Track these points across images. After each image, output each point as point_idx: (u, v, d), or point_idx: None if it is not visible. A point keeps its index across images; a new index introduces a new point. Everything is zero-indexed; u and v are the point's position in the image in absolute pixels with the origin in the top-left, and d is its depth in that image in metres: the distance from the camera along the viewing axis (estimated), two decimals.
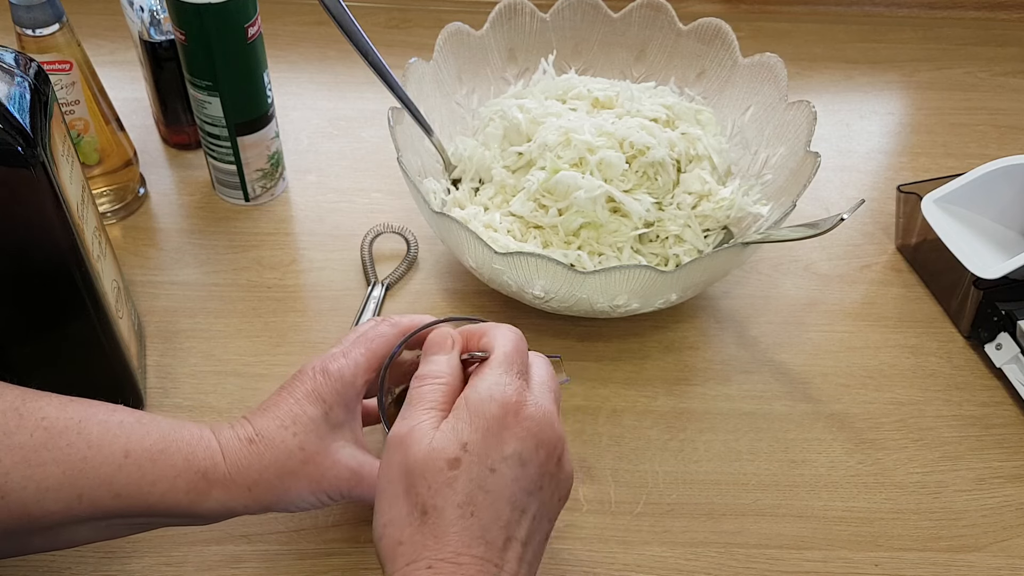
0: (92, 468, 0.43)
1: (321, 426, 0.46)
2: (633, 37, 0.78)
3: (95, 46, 0.88)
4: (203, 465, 0.45)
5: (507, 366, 0.44)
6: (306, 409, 0.46)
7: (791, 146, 0.69)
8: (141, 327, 0.65)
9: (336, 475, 0.47)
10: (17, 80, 0.48)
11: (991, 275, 0.64)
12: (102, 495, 0.43)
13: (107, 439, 0.44)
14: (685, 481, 0.59)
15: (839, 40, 0.99)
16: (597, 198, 0.64)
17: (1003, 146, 0.86)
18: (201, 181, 0.79)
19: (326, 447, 0.46)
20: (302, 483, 0.46)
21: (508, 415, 0.42)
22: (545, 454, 0.42)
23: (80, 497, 0.43)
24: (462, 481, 0.40)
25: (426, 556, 0.39)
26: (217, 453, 0.45)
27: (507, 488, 0.41)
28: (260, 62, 0.69)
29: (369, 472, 0.47)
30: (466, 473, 0.40)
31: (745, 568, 0.55)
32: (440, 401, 0.43)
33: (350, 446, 0.48)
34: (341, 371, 0.48)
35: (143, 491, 0.44)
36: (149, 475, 0.44)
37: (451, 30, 0.74)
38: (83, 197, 0.53)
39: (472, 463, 0.40)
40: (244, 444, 0.46)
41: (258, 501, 0.46)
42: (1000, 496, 0.60)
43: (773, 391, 0.65)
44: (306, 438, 0.46)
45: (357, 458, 0.48)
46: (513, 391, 0.43)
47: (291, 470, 0.46)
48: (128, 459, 0.44)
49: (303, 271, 0.72)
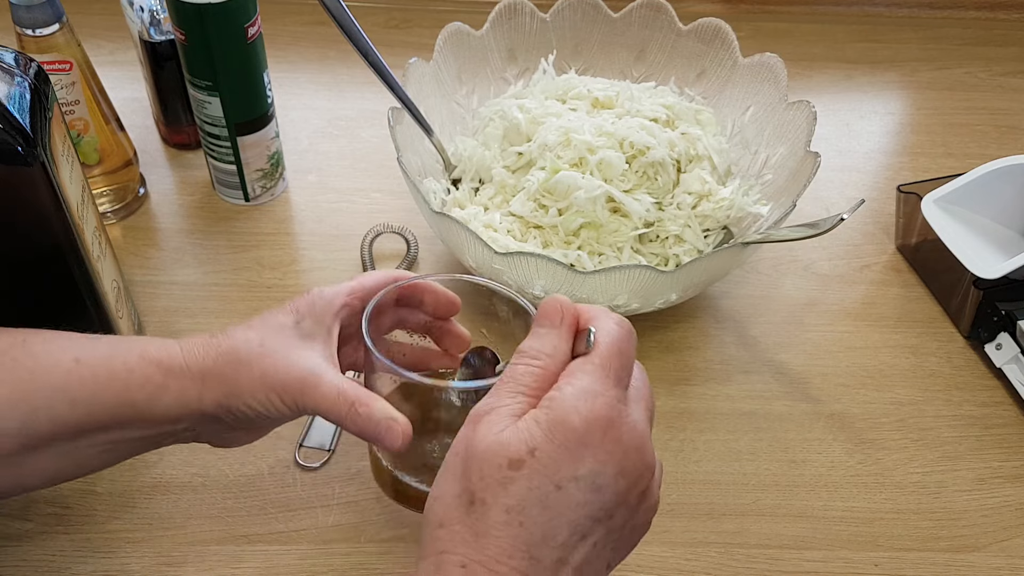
0: (41, 377, 0.42)
1: (288, 330, 0.45)
2: (633, 37, 0.78)
3: (95, 46, 0.88)
4: (158, 357, 0.44)
5: (605, 370, 0.38)
6: (276, 316, 0.46)
7: (791, 146, 0.69)
8: (141, 327, 0.65)
9: (288, 373, 0.44)
10: (17, 80, 0.48)
11: (991, 275, 0.64)
12: (57, 404, 0.42)
13: (53, 350, 0.43)
14: (685, 481, 0.59)
15: (839, 40, 0.99)
16: (597, 198, 0.64)
17: (1003, 146, 0.86)
18: (201, 181, 0.79)
19: (287, 347, 0.45)
20: (255, 376, 0.44)
21: (593, 431, 0.37)
22: (626, 484, 0.37)
23: (36, 410, 0.42)
24: (519, 486, 0.36)
25: (462, 552, 0.36)
26: (174, 346, 0.45)
27: (570, 510, 0.36)
28: (260, 62, 0.69)
29: (326, 381, 0.44)
30: (526, 480, 0.36)
31: (745, 568, 0.55)
32: (531, 386, 0.38)
33: (317, 356, 0.45)
34: (321, 291, 0.47)
35: (98, 393, 0.43)
36: (102, 376, 0.43)
37: (451, 30, 0.74)
38: (83, 197, 0.53)
39: (536, 472, 0.36)
40: (205, 339, 0.45)
41: (210, 393, 0.44)
42: (1000, 496, 0.60)
43: (773, 391, 0.65)
44: (267, 334, 0.45)
45: (318, 364, 0.45)
46: (604, 404, 0.37)
47: (246, 361, 0.44)
48: (79, 364, 0.43)
49: (303, 271, 0.72)
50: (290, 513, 0.56)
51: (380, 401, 0.44)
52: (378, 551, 0.55)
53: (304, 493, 0.57)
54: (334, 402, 0.43)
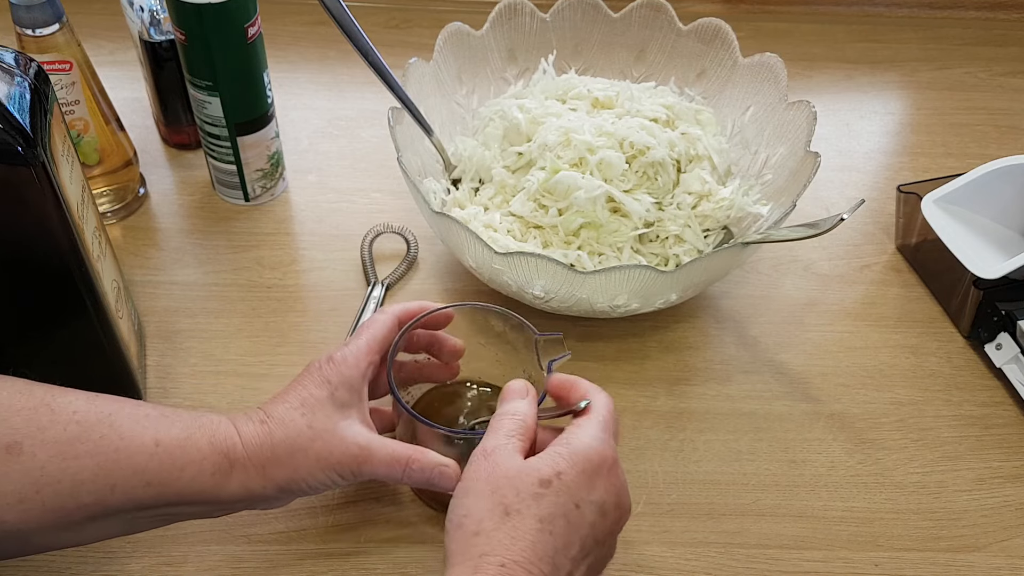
0: (125, 458, 0.44)
1: (327, 406, 0.49)
2: (633, 37, 0.78)
3: (95, 46, 0.88)
4: (225, 446, 0.46)
5: (607, 427, 0.47)
6: (312, 392, 0.49)
7: (791, 146, 0.69)
8: (141, 327, 0.65)
9: (344, 451, 0.48)
10: (17, 80, 0.48)
11: (991, 275, 0.64)
12: (135, 485, 0.44)
13: (137, 430, 0.45)
14: (685, 481, 0.59)
15: (839, 40, 0.99)
16: (597, 198, 0.64)
17: (1003, 146, 0.86)
18: (201, 181, 0.79)
19: (333, 425, 0.48)
20: (311, 460, 0.47)
21: (604, 467, 0.45)
22: (617, 516, 0.46)
23: (113, 488, 0.44)
24: (549, 499, 0.43)
25: (500, 553, 0.41)
26: (235, 435, 0.47)
27: (583, 528, 0.44)
28: (260, 62, 0.69)
29: (377, 449, 0.49)
30: (554, 495, 0.43)
31: (745, 568, 0.55)
32: (518, 432, 0.46)
33: (357, 424, 0.49)
34: (344, 356, 0.50)
35: (173, 477, 0.45)
36: (179, 460, 0.45)
37: (451, 30, 0.74)
38: (83, 197, 0.53)
39: (562, 490, 0.43)
40: (258, 425, 0.48)
41: (272, 480, 0.47)
42: (1000, 496, 0.60)
43: (773, 391, 0.65)
44: (314, 417, 0.48)
45: (364, 435, 0.49)
46: (610, 448, 0.46)
47: (301, 447, 0.47)
48: (159, 447, 0.45)
49: (303, 271, 0.72)
50: (290, 513, 0.56)
51: (428, 453, 0.49)
52: (378, 551, 0.55)
53: None
54: (391, 466, 0.49)
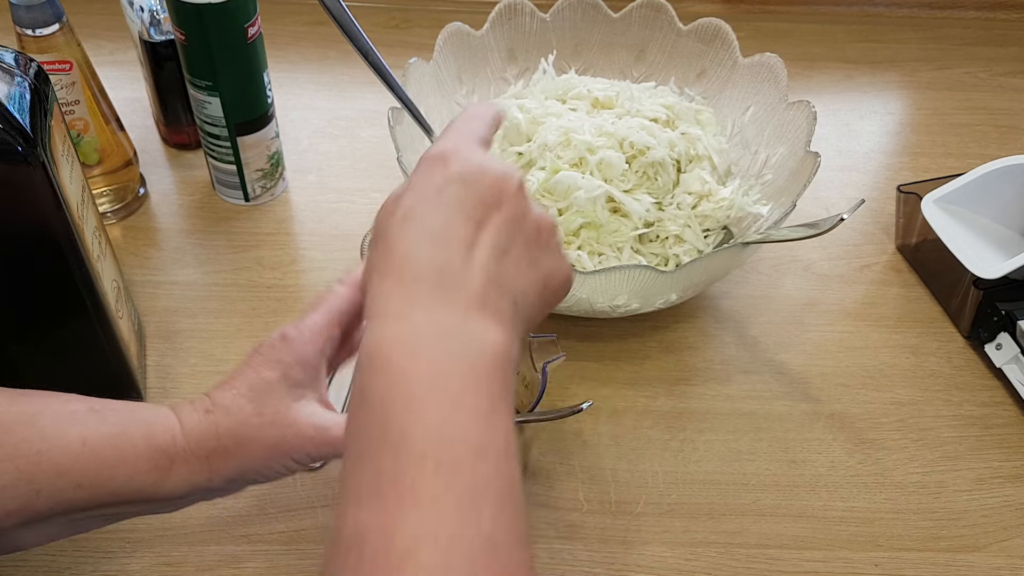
0: (47, 461, 0.41)
1: (278, 388, 0.44)
2: (633, 37, 0.78)
3: (95, 46, 0.88)
4: (162, 441, 0.43)
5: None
6: (262, 374, 0.45)
7: (791, 146, 0.69)
8: (141, 327, 0.65)
9: (296, 435, 0.44)
10: (17, 80, 0.48)
11: (991, 275, 0.64)
12: (62, 487, 0.41)
13: (62, 430, 0.42)
14: (685, 481, 0.59)
15: (839, 40, 0.99)
16: (597, 198, 0.64)
17: (1003, 146, 0.86)
18: (201, 181, 0.79)
19: (286, 408, 0.44)
20: (262, 449, 0.44)
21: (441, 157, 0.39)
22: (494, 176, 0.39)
23: (39, 492, 0.41)
24: (403, 200, 0.38)
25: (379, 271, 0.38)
26: (176, 427, 0.44)
27: (457, 202, 0.38)
28: (260, 62, 0.69)
29: (333, 428, 0.44)
30: (407, 198, 0.39)
31: (745, 568, 0.55)
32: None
33: (313, 404, 0.45)
34: (299, 331, 0.46)
35: (104, 477, 0.42)
36: (109, 460, 0.42)
37: (451, 30, 0.74)
38: (83, 197, 0.53)
39: (413, 190, 0.39)
40: (202, 415, 0.44)
41: (218, 473, 0.44)
42: (1000, 496, 0.60)
43: (773, 391, 0.65)
44: (262, 401, 0.44)
45: (320, 416, 0.45)
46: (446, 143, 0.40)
47: (249, 435, 0.44)
48: (86, 447, 0.42)
49: (303, 271, 0.72)
50: (290, 513, 0.56)
51: None
52: None
53: (304, 493, 0.57)
54: None
